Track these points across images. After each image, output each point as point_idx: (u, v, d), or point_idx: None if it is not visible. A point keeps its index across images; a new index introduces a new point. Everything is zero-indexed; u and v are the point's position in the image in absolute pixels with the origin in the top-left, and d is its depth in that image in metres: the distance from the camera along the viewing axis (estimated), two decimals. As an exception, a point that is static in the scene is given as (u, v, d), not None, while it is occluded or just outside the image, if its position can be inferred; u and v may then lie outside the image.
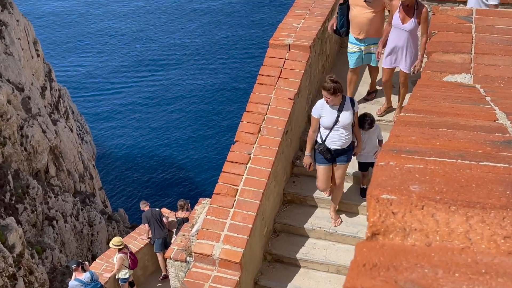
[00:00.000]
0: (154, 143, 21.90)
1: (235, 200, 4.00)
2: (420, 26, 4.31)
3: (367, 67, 5.04)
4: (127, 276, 7.53)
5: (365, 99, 5.21)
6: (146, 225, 8.17)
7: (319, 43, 5.06)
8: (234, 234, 3.83)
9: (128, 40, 28.60)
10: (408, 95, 4.34)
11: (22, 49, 14.45)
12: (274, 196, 4.44)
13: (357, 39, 4.53)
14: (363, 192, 4.43)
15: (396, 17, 4.29)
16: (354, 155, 4.17)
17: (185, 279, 4.02)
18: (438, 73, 2.63)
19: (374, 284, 0.58)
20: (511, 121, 1.43)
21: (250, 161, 4.14)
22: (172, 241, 7.52)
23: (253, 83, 4.60)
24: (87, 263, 7.79)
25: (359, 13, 4.36)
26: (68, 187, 14.48)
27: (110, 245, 7.87)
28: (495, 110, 1.72)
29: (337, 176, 4.09)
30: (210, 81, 25.43)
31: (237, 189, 4.01)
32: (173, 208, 10.61)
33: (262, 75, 4.54)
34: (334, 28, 4.66)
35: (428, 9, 4.67)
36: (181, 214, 8.41)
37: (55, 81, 16.30)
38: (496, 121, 1.51)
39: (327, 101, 3.77)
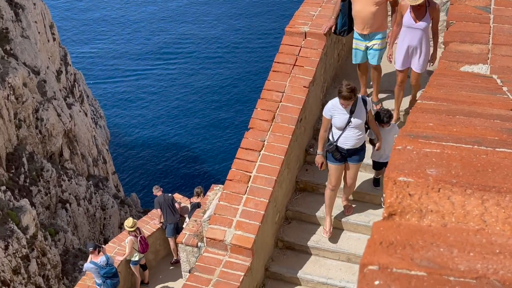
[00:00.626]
0: (168, 129, 22.12)
1: (247, 186, 4.06)
2: (431, 24, 4.21)
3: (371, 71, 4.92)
4: (136, 258, 7.72)
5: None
6: (159, 210, 8.29)
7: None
8: (246, 220, 3.91)
9: (145, 27, 28.73)
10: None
11: (39, 32, 14.52)
12: (287, 183, 4.48)
13: (361, 35, 4.44)
14: (376, 182, 4.43)
15: (408, 17, 4.20)
16: (377, 149, 4.15)
17: (196, 263, 4.09)
18: (455, 63, 2.62)
19: (390, 261, 0.60)
20: None
21: (263, 148, 4.18)
22: (184, 227, 7.72)
23: (269, 71, 4.60)
24: (104, 246, 7.98)
25: (363, 7, 4.28)
26: (82, 171, 14.68)
27: (124, 226, 8.06)
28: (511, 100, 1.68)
29: (349, 176, 4.13)
30: (226, 69, 25.50)
31: (250, 176, 4.06)
32: (185, 194, 10.81)
33: (278, 62, 4.53)
34: (333, 30, 4.56)
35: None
36: (196, 199, 8.54)
37: (70, 65, 16.48)
38: None
39: (342, 106, 3.78)
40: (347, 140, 3.91)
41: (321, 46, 4.54)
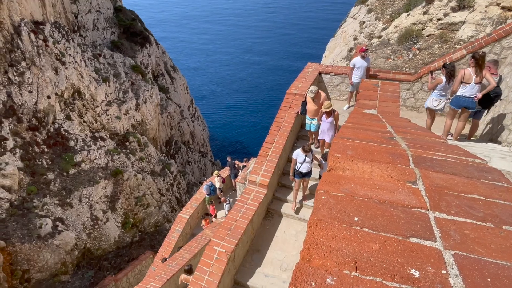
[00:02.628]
0: (239, 117, 35.91)
1: (267, 158, 8.63)
2: (334, 120, 7.68)
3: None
4: (217, 185, 13.55)
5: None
6: (228, 168, 14.17)
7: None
8: (265, 173, 8.36)
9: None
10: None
11: (181, 90, 29.66)
12: (284, 160, 8.78)
13: (309, 117, 7.91)
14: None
15: (324, 116, 7.52)
16: (321, 168, 7.20)
17: (244, 191, 8.87)
18: (361, 108, 4.81)
19: (329, 189, 1.17)
20: (393, 129, 2.72)
21: (274, 142, 8.66)
22: (238, 175, 13.48)
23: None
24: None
25: (310, 106, 7.72)
26: (196, 149, 30.06)
27: (214, 174, 14.00)
28: (386, 124, 3.08)
29: (305, 184, 7.33)
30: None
31: (268, 154, 8.57)
32: (240, 160, 17.43)
33: (282, 105, 8.74)
34: (300, 112, 8.07)
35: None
36: (244, 164, 14.26)
37: (193, 103, 32.24)
38: (386, 128, 2.78)
39: (303, 153, 6.78)
40: (304, 168, 6.89)
41: (301, 99, 8.72)
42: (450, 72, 6.87)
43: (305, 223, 7.74)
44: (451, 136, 7.84)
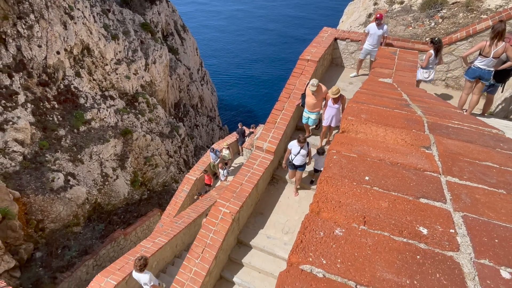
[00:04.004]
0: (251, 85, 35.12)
1: (275, 125, 8.62)
2: (341, 106, 7.42)
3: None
4: (224, 154, 13.69)
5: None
6: (236, 133, 14.18)
7: (322, 59, 8.76)
8: (272, 140, 8.44)
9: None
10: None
11: (191, 51, 30.16)
12: (291, 128, 8.79)
13: (307, 110, 7.59)
14: (311, 182, 7.52)
15: (330, 102, 7.19)
16: (308, 164, 7.05)
17: (250, 156, 9.00)
18: (376, 77, 4.71)
19: (341, 149, 1.21)
20: (409, 98, 2.80)
21: (283, 109, 8.59)
22: (245, 141, 13.55)
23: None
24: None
25: (309, 100, 7.37)
26: (204, 113, 31.18)
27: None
28: (401, 93, 3.08)
29: (297, 177, 7.20)
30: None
31: (276, 121, 8.56)
32: (248, 127, 17.31)
33: (294, 71, 8.61)
34: (300, 104, 7.73)
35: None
36: (251, 130, 14.14)
37: (203, 66, 30.89)
38: (402, 96, 2.83)
39: (298, 145, 6.62)
40: (297, 161, 6.78)
41: (314, 66, 8.42)
42: (437, 47, 7.51)
43: (308, 190, 7.89)
44: (465, 112, 7.68)
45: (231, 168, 14.27)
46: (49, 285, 11.00)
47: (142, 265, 6.38)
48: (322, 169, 6.95)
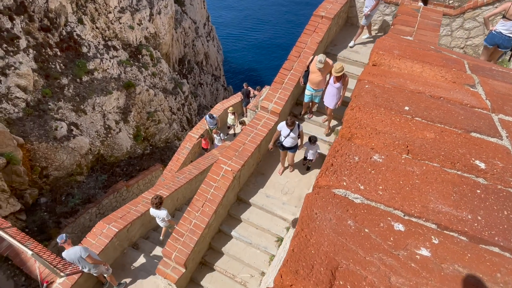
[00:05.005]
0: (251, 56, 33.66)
1: (282, 85, 8.36)
2: (343, 86, 6.85)
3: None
4: (229, 121, 13.43)
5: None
6: (240, 94, 13.83)
7: (337, 17, 8.22)
8: (278, 101, 8.26)
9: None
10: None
11: (197, 3, 28.79)
12: (300, 88, 8.55)
13: (311, 88, 7.16)
14: (308, 169, 7.27)
15: (331, 80, 6.78)
16: (299, 148, 6.73)
17: (255, 117, 8.87)
18: (397, 34, 4.59)
19: (373, 79, 1.42)
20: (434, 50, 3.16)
21: (292, 69, 8.26)
22: (250, 102, 13.27)
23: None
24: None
25: (314, 77, 6.95)
26: (209, 71, 30.30)
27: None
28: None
29: (289, 158, 6.95)
30: None
31: (284, 81, 8.29)
32: (254, 88, 16.96)
33: (306, 29, 8.13)
34: (302, 82, 7.31)
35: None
36: (256, 92, 13.89)
37: (209, 20, 29.78)
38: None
39: (287, 127, 6.24)
40: (287, 143, 6.49)
41: (328, 23, 7.88)
42: None
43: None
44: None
45: (228, 134, 14.11)
46: (54, 229, 11.44)
47: (158, 202, 6.89)
48: (312, 158, 6.78)
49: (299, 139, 6.61)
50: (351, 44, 8.72)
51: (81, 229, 12.15)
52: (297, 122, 6.32)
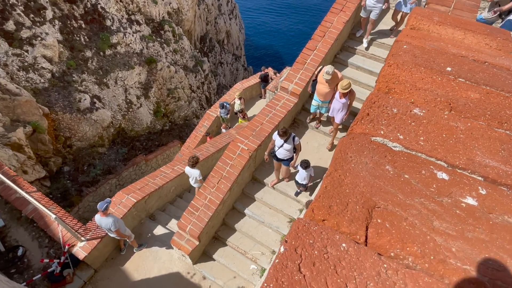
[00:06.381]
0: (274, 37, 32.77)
1: (304, 66, 8.17)
2: (348, 101, 6.44)
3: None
4: (236, 107, 13.30)
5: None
6: (259, 75, 13.79)
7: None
8: (299, 82, 8.05)
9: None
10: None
11: None
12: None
13: (318, 99, 6.79)
14: (296, 193, 6.72)
15: (337, 95, 6.31)
16: (291, 166, 6.32)
17: (274, 97, 8.71)
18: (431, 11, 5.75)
19: (411, 41, 1.75)
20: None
21: (316, 49, 8.03)
22: (268, 83, 13.18)
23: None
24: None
25: (321, 88, 6.55)
26: (230, 50, 30.82)
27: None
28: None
29: (283, 171, 6.55)
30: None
31: (306, 61, 8.09)
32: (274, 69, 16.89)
33: (333, 7, 7.83)
34: (310, 91, 7.02)
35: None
36: (276, 77, 13.83)
37: None
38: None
39: (279, 137, 5.80)
40: (279, 154, 6.05)
41: (356, 2, 7.49)
42: None
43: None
44: None
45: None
46: (76, 196, 11.97)
47: (194, 162, 7.37)
48: (305, 183, 6.23)
49: (295, 153, 6.10)
50: (364, 45, 8.20)
51: (101, 199, 12.66)
52: (292, 134, 5.86)
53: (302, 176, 6.14)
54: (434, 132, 0.58)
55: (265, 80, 14.24)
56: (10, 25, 11.76)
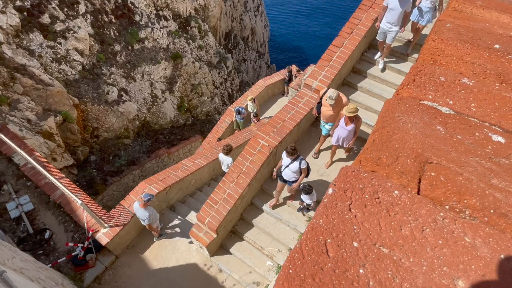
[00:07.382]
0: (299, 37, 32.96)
1: (329, 63, 8.02)
2: (355, 127, 6.15)
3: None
4: (250, 108, 13.21)
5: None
6: (282, 72, 13.72)
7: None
8: (323, 79, 7.96)
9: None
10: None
11: None
12: (348, 68, 8.04)
13: (323, 121, 6.59)
14: (299, 209, 6.66)
15: (343, 121, 5.99)
16: (292, 187, 6.02)
17: (297, 94, 8.61)
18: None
19: (454, 20, 1.61)
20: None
21: (343, 46, 7.86)
22: (292, 80, 13.08)
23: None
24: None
25: (325, 110, 6.33)
26: (254, 47, 30.76)
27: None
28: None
29: (288, 190, 6.32)
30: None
31: (332, 58, 7.94)
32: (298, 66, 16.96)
33: (360, 8, 7.62)
34: (315, 113, 6.83)
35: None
36: (299, 75, 13.70)
37: None
38: None
39: (287, 156, 5.59)
40: (285, 174, 5.79)
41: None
42: None
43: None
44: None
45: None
46: (101, 185, 12.40)
47: (228, 150, 7.84)
48: (310, 203, 6.12)
49: (300, 176, 5.83)
50: (376, 56, 7.91)
51: (124, 188, 13.05)
52: (300, 156, 5.63)
53: (305, 197, 6.11)
54: (486, 100, 0.55)
55: (288, 77, 14.16)
56: (45, 18, 12.32)
